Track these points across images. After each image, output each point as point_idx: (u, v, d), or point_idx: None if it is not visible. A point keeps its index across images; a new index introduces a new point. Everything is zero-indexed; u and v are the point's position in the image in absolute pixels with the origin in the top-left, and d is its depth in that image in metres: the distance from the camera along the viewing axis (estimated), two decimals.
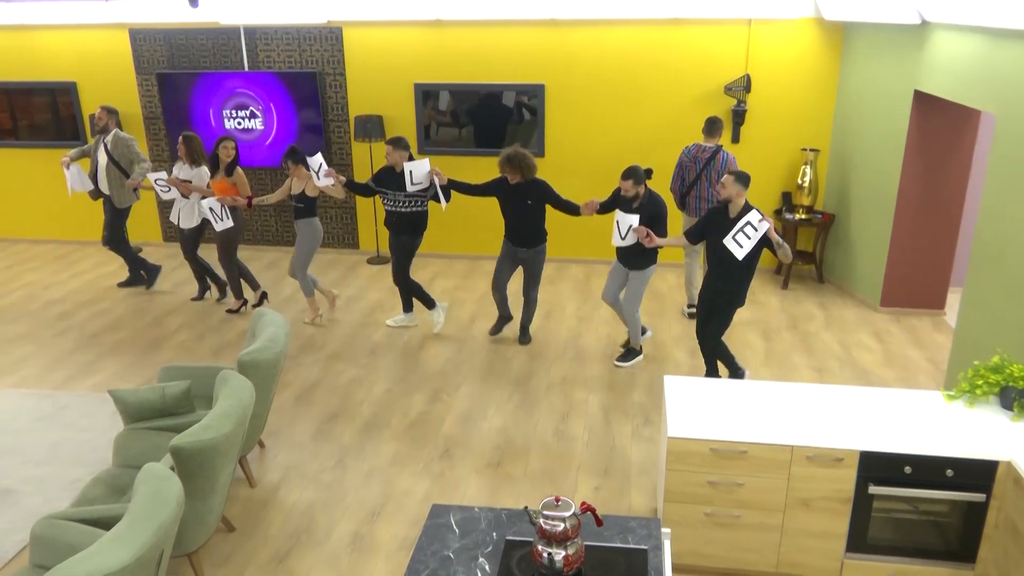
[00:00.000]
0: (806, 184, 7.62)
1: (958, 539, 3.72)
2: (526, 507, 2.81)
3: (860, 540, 3.79)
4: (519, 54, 8.00)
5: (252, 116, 8.49)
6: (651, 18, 7.67)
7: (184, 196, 7.12)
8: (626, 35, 7.80)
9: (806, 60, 7.64)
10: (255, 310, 4.98)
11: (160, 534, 2.94)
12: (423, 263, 8.61)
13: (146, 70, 8.66)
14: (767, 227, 4.91)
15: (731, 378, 5.56)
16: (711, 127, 6.73)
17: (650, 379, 6.00)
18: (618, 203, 5.92)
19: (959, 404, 4.00)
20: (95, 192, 7.56)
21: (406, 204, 6.38)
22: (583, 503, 2.81)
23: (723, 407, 3.97)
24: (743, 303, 5.37)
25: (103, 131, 7.39)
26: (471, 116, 8.32)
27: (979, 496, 3.61)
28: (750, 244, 4.99)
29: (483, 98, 8.22)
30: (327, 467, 4.95)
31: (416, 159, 6.25)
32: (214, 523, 3.86)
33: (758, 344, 6.57)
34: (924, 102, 6.47)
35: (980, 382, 3.97)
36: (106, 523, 3.45)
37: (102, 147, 7.38)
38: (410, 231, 6.50)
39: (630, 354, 6.26)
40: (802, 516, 3.78)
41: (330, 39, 8.24)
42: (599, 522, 2.86)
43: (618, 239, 5.78)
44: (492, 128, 8.28)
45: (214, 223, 6.89)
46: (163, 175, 7.07)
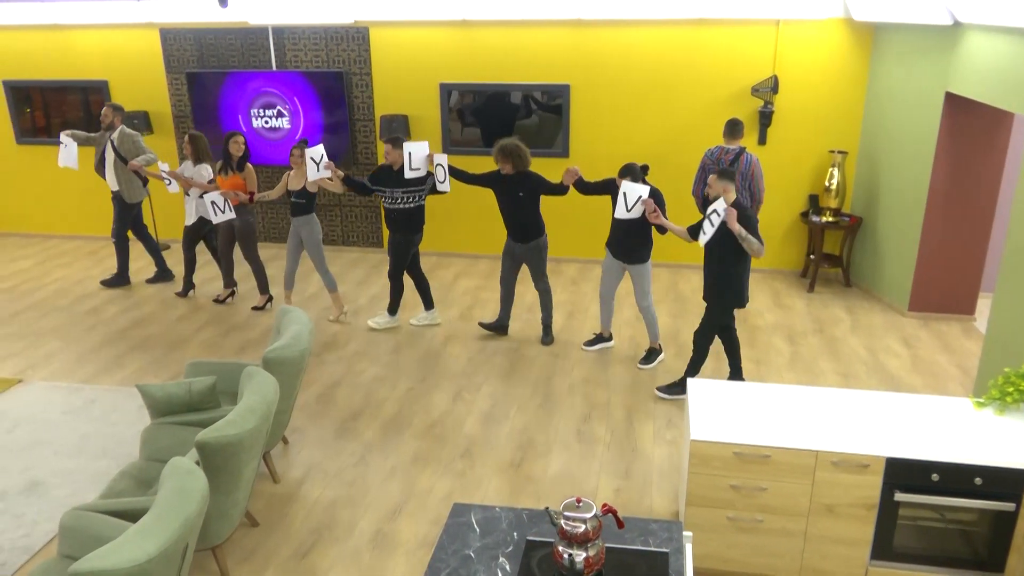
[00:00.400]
0: (833, 186, 7.53)
1: (986, 548, 3.65)
2: (547, 508, 2.81)
3: (885, 548, 3.74)
4: (545, 54, 7.99)
5: (279, 115, 8.57)
6: (678, 18, 7.62)
7: (185, 192, 7.30)
8: (652, 35, 7.76)
9: (835, 61, 7.56)
10: (280, 307, 5.03)
11: (185, 528, 2.97)
12: (447, 262, 8.64)
13: (176, 69, 8.77)
14: (725, 215, 5.07)
15: (676, 382, 5.73)
16: (732, 129, 6.68)
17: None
18: (611, 190, 5.95)
19: (989, 411, 3.93)
20: (101, 169, 7.74)
21: (404, 200, 6.43)
22: (604, 505, 2.81)
23: (747, 411, 3.94)
24: (740, 303, 5.40)
25: (109, 128, 7.56)
26: (476, 115, 8.35)
27: (1009, 505, 3.55)
28: (712, 230, 5.17)
29: (490, 97, 8.27)
30: (349, 464, 4.98)
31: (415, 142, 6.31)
32: (238, 518, 3.90)
33: (783, 348, 6.51)
34: (955, 104, 6.37)
35: (1011, 389, 3.90)
36: (132, 515, 3.50)
37: (110, 144, 7.55)
38: (408, 227, 6.55)
39: (652, 355, 6.24)
40: (826, 522, 3.74)
41: (357, 39, 8.29)
42: (620, 524, 2.85)
43: (623, 211, 5.70)
44: (500, 126, 8.31)
45: (213, 216, 6.94)
46: (166, 166, 7.25)
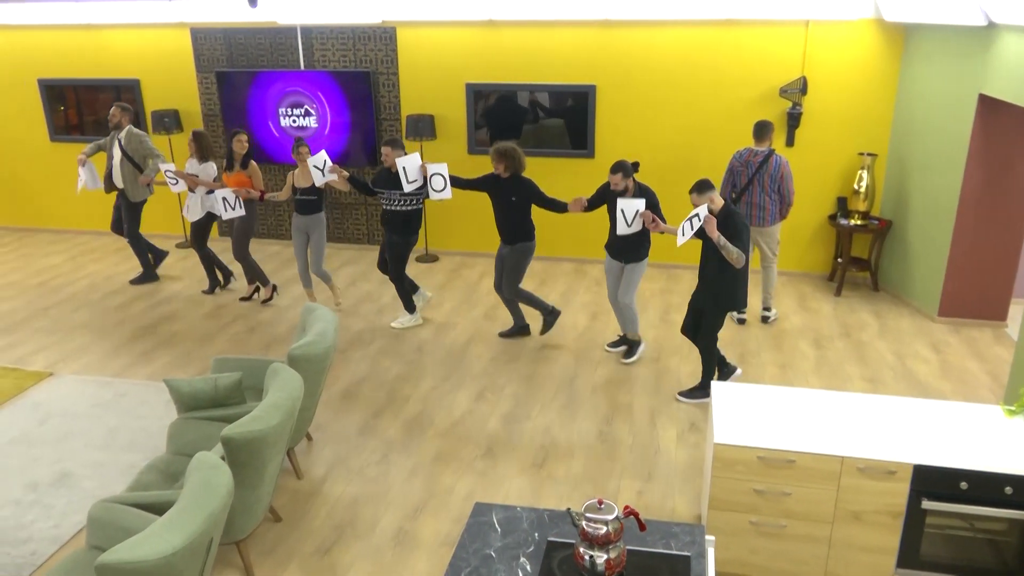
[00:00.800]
0: (862, 189, 7.44)
1: (1016, 559, 3.59)
2: (569, 509, 2.81)
3: (912, 556, 3.69)
4: (571, 55, 7.98)
5: (307, 114, 8.64)
6: (705, 19, 7.57)
7: (191, 190, 7.36)
8: (679, 36, 7.72)
9: (865, 62, 7.46)
10: (305, 305, 5.07)
11: (210, 522, 3.01)
12: (472, 262, 8.66)
13: (206, 68, 8.88)
14: (703, 220, 5.13)
15: (721, 379, 5.76)
16: (760, 131, 6.60)
17: None
18: (606, 198, 6.01)
19: (1020, 420, 3.86)
20: (109, 185, 7.83)
21: (402, 203, 6.48)
22: (626, 507, 2.80)
23: (771, 415, 3.91)
24: (734, 305, 5.44)
25: (117, 128, 7.68)
26: (485, 116, 8.38)
27: None
28: (690, 233, 5.25)
29: (499, 99, 8.29)
30: (372, 461, 5.01)
31: (407, 154, 6.35)
32: (262, 513, 3.94)
33: (809, 352, 6.44)
34: (989, 106, 6.26)
35: None
36: (159, 508, 3.55)
37: (117, 143, 7.67)
38: (403, 229, 6.59)
39: (632, 349, 6.29)
40: (851, 529, 3.70)
41: (384, 39, 8.34)
42: (642, 527, 2.84)
43: (624, 227, 5.80)
44: (508, 127, 8.34)
45: (223, 212, 7.03)
46: (172, 167, 7.33)
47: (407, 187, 6.33)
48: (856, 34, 7.40)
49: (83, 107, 9.39)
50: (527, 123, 8.31)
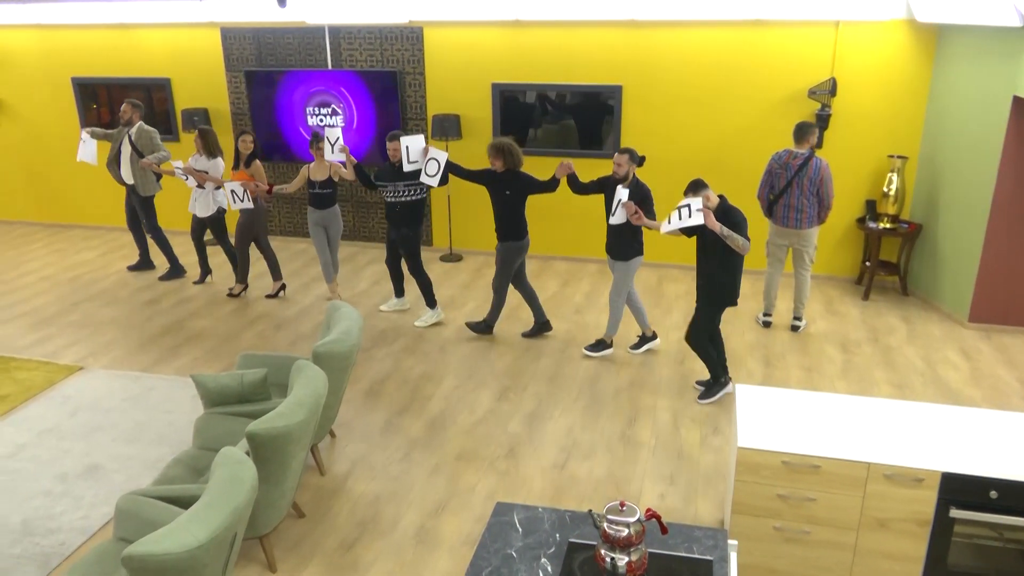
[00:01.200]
0: (892, 192, 7.34)
1: None
2: (590, 510, 2.80)
3: (939, 565, 3.63)
4: (598, 55, 7.96)
5: (334, 113, 8.70)
6: (733, 19, 7.51)
7: (200, 186, 7.45)
8: (707, 36, 7.66)
9: (896, 63, 7.36)
10: (330, 302, 5.11)
11: (235, 516, 3.04)
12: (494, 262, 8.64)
13: (235, 67, 8.98)
14: (699, 220, 5.09)
15: (710, 383, 5.70)
16: (800, 132, 6.47)
17: None
18: (604, 188, 6.05)
19: None
20: (114, 171, 7.96)
21: (406, 193, 6.55)
22: (648, 509, 2.78)
23: (796, 419, 3.87)
24: (730, 302, 5.43)
25: (128, 124, 7.79)
26: (525, 115, 8.40)
27: None
28: (677, 222, 5.20)
29: (507, 99, 8.31)
30: (395, 459, 5.04)
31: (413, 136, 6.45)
32: (285, 508, 3.97)
33: (836, 356, 6.37)
34: (1023, 109, 6.16)
35: None
36: (184, 502, 3.60)
37: (127, 139, 7.78)
38: (409, 222, 6.66)
39: (599, 345, 6.33)
40: (877, 536, 3.65)
41: (411, 38, 8.37)
42: (664, 530, 2.82)
43: (611, 216, 5.89)
44: (518, 127, 8.38)
45: (232, 203, 7.18)
46: (180, 163, 7.46)
47: (407, 166, 6.40)
48: (887, 35, 7.30)
49: (115, 105, 9.53)
50: (548, 123, 8.33)
